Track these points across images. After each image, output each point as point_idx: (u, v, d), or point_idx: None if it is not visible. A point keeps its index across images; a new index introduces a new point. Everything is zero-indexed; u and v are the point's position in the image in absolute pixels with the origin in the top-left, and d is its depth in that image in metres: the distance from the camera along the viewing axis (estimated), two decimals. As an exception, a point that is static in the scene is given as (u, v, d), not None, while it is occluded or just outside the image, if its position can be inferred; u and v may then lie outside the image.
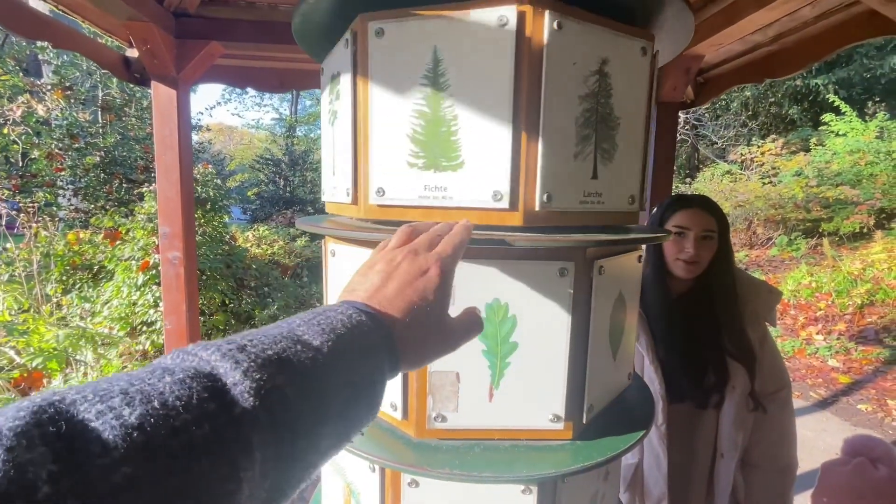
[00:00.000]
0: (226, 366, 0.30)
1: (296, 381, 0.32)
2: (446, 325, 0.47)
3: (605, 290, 0.70)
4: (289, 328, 0.36)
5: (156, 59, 1.85)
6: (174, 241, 2.03)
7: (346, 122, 0.71)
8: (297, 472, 0.32)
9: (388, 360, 0.40)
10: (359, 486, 0.77)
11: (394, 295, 0.43)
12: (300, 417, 0.32)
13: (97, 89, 6.96)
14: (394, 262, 0.47)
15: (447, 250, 0.49)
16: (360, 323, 0.39)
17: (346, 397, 0.36)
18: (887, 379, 4.23)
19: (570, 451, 0.67)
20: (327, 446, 0.35)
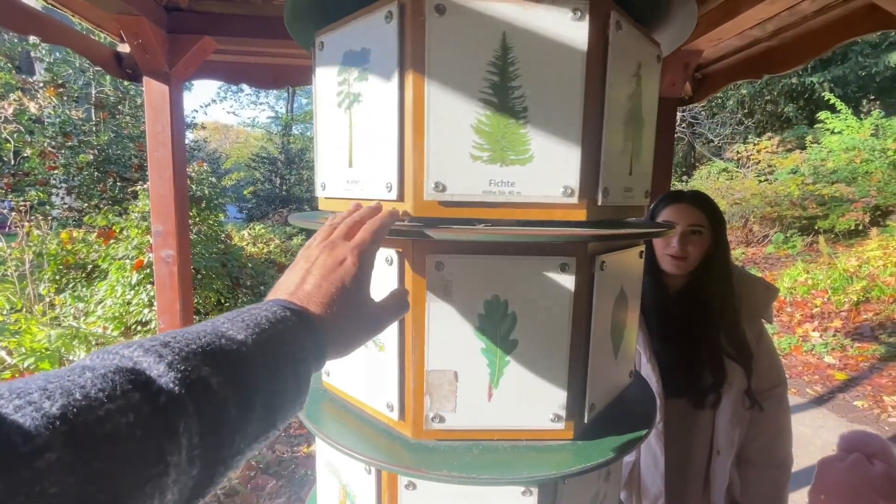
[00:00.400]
0: (149, 360, 0.31)
1: (221, 372, 0.34)
2: (369, 310, 0.50)
3: (607, 286, 0.69)
4: (213, 326, 0.38)
5: (147, 55, 1.82)
6: (168, 240, 2.00)
7: (384, 108, 0.63)
8: (224, 458, 0.34)
9: (312, 349, 0.42)
10: (354, 489, 0.75)
11: (313, 289, 0.46)
12: (226, 405, 0.33)
13: (90, 87, 6.90)
14: (311, 258, 0.50)
15: (365, 238, 0.52)
16: (284, 318, 0.41)
17: (272, 387, 0.38)
18: (883, 375, 4.25)
19: (572, 452, 0.65)
20: (255, 433, 0.36)
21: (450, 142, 0.61)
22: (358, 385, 0.74)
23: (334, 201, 0.75)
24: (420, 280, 0.63)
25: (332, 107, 0.72)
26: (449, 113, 0.60)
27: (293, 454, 3.00)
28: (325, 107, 0.74)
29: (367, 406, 0.73)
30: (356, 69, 0.67)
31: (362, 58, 0.66)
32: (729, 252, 1.35)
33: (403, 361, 0.66)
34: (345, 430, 0.70)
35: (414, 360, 0.65)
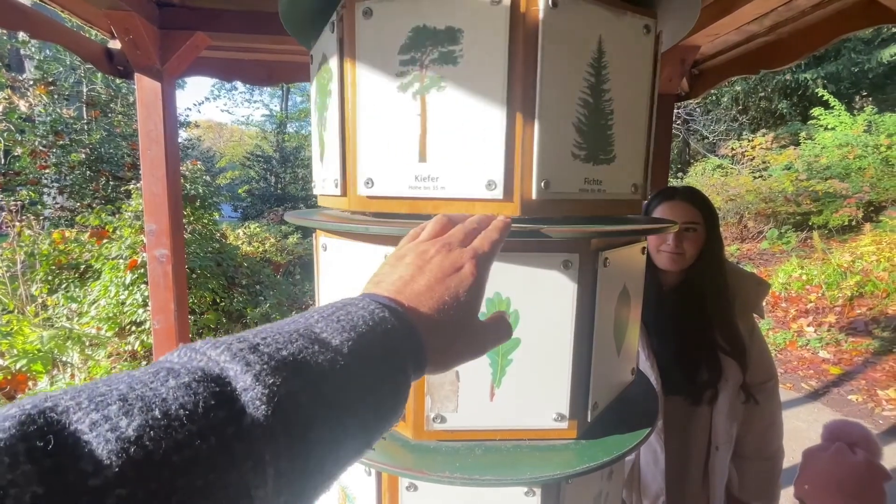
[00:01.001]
0: (236, 368, 0.27)
1: (312, 386, 0.29)
2: (475, 328, 0.43)
3: (610, 283, 0.68)
4: (305, 324, 0.33)
5: (139, 51, 1.79)
6: (161, 238, 1.98)
7: (484, 99, 0.60)
8: (313, 484, 0.29)
9: (412, 362, 0.37)
10: (354, 491, 0.73)
11: (423, 291, 0.40)
12: (316, 426, 0.29)
13: (81, 85, 6.82)
14: (426, 255, 0.43)
15: (485, 247, 0.45)
16: (384, 320, 0.36)
17: (367, 403, 0.33)
18: (877, 370, 4.28)
19: (575, 451, 0.64)
20: (346, 455, 0.32)
21: (554, 139, 0.61)
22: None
23: (392, 201, 0.64)
24: (420, 278, 0.61)
25: (385, 91, 0.62)
26: (556, 109, 0.60)
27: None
28: (370, 90, 0.62)
29: (367, 407, 0.72)
30: (436, 49, 0.60)
31: (447, 38, 0.59)
32: (723, 247, 1.36)
33: (404, 361, 0.65)
34: (395, 425, 0.68)
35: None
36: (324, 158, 0.74)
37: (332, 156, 0.69)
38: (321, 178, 0.75)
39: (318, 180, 0.78)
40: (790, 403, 3.88)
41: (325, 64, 0.71)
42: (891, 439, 3.30)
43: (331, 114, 0.69)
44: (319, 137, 0.76)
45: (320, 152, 0.76)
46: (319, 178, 0.77)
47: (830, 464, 0.93)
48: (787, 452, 3.34)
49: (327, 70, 0.69)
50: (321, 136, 0.75)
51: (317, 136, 0.77)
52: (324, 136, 0.73)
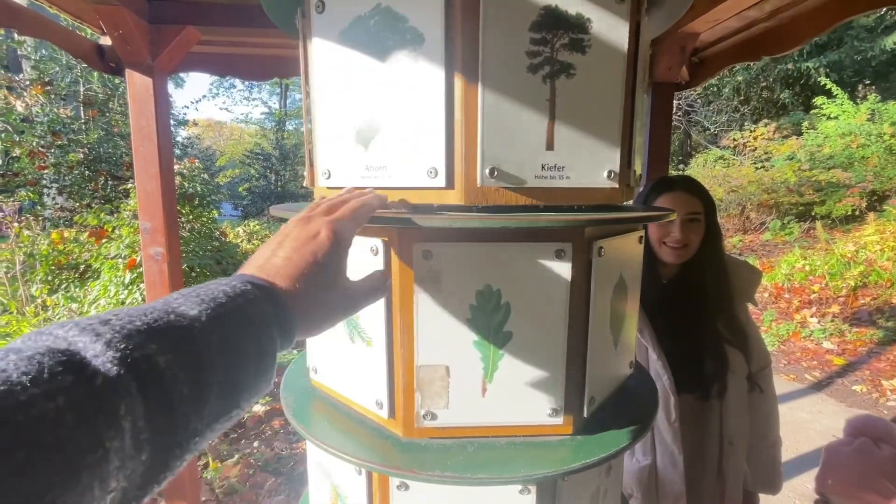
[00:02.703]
0: (84, 339, 0.29)
1: (169, 349, 0.31)
2: (343, 288, 0.47)
3: (606, 273, 0.65)
4: (164, 302, 0.35)
5: (129, 46, 1.77)
6: (156, 237, 1.96)
7: (606, 88, 0.59)
8: (178, 441, 0.31)
9: (277, 325, 0.40)
10: (345, 490, 0.72)
11: (282, 262, 0.43)
12: (175, 385, 0.31)
13: (78, 84, 6.80)
14: (286, 230, 0.47)
15: (345, 214, 0.49)
16: (245, 292, 0.38)
17: (230, 364, 0.35)
18: (881, 360, 4.25)
19: (571, 448, 0.62)
20: (214, 414, 0.34)
21: None
22: (346, 382, 0.71)
23: (509, 193, 0.59)
24: (407, 270, 0.59)
25: (515, 69, 0.57)
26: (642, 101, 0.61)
27: (292, 451, 2.98)
28: (500, 66, 0.57)
29: (356, 404, 0.70)
30: (567, 34, 0.58)
31: (577, 26, 0.58)
32: (722, 237, 1.34)
33: (392, 357, 0.63)
34: (333, 430, 0.67)
35: (403, 355, 0.61)
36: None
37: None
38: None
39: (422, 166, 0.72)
40: (794, 394, 3.86)
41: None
42: (896, 429, 3.27)
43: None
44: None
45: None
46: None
47: (855, 458, 0.88)
48: (791, 444, 3.32)
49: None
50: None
51: None
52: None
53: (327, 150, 0.66)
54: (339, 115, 0.64)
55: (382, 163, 0.61)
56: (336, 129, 0.65)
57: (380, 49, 0.59)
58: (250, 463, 2.80)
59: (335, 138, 0.65)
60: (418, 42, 0.57)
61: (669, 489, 1.26)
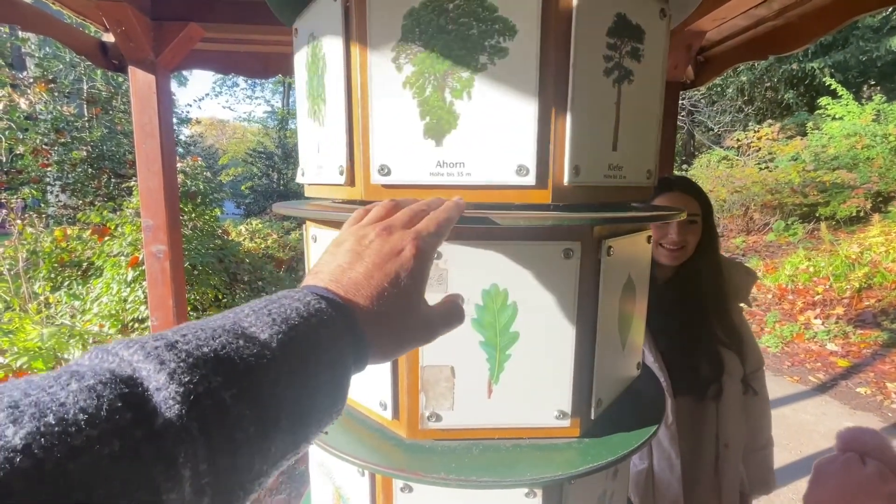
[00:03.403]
0: (149, 367, 0.26)
1: (236, 383, 0.28)
2: (422, 314, 0.42)
3: (614, 274, 0.64)
4: (234, 319, 0.32)
5: (132, 43, 1.76)
6: (158, 234, 1.95)
7: (652, 94, 0.66)
8: (242, 483, 0.28)
9: (352, 352, 0.36)
10: (348, 491, 0.71)
11: (361, 278, 0.38)
12: (241, 424, 0.28)
13: (82, 82, 6.81)
14: (364, 241, 0.41)
15: (429, 228, 0.43)
16: (320, 311, 0.34)
17: (300, 397, 0.31)
18: (886, 362, 4.22)
19: (578, 451, 0.61)
20: (280, 452, 0.31)
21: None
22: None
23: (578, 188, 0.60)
24: (412, 269, 0.58)
25: (595, 74, 0.59)
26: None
27: (293, 450, 2.97)
28: (587, 70, 0.58)
29: (359, 405, 0.69)
30: (630, 42, 0.61)
31: (637, 35, 0.61)
32: (718, 239, 1.34)
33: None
34: (336, 431, 0.66)
35: (407, 356, 0.60)
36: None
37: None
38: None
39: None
40: (797, 396, 3.84)
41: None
42: (900, 432, 3.25)
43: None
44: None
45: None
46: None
47: (840, 476, 0.86)
48: (795, 446, 3.30)
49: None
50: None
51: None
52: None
53: (385, 144, 0.60)
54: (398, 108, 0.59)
55: (460, 159, 0.57)
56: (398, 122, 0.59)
57: (461, 37, 0.56)
58: (251, 461, 2.79)
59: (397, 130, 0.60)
60: (510, 34, 0.55)
61: (667, 492, 1.25)
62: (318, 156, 0.69)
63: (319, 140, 0.68)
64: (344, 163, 0.61)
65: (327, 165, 0.66)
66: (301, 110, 0.74)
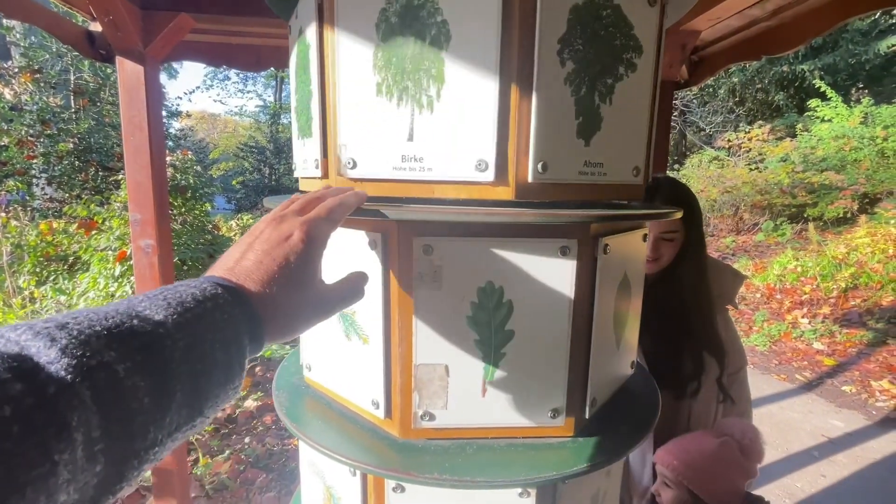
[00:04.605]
0: (38, 344, 0.27)
1: (129, 357, 0.30)
2: (317, 292, 0.45)
3: (610, 271, 0.63)
4: (128, 304, 0.34)
5: (120, 32, 1.72)
6: (146, 229, 1.92)
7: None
8: (137, 451, 0.30)
9: (247, 332, 0.38)
10: (339, 491, 0.70)
11: (252, 265, 0.42)
12: (135, 394, 0.29)
13: (68, 73, 6.67)
14: (256, 231, 0.45)
15: (320, 213, 0.47)
16: (215, 296, 0.37)
17: (196, 373, 0.34)
18: (871, 361, 4.29)
19: (573, 450, 0.61)
20: (177, 423, 0.33)
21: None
22: (341, 381, 0.69)
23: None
24: (407, 265, 0.57)
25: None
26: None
27: (283, 447, 2.95)
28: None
29: (351, 403, 0.68)
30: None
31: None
32: (704, 245, 1.32)
33: (389, 355, 0.61)
34: (327, 430, 0.64)
35: (401, 354, 0.59)
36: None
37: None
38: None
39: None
40: (784, 394, 3.89)
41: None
42: (884, 430, 3.31)
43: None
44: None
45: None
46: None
47: (689, 443, 1.06)
48: (781, 443, 3.34)
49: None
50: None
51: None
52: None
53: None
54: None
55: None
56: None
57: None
58: (241, 459, 2.77)
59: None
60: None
61: (638, 485, 1.28)
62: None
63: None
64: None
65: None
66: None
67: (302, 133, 0.68)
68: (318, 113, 0.60)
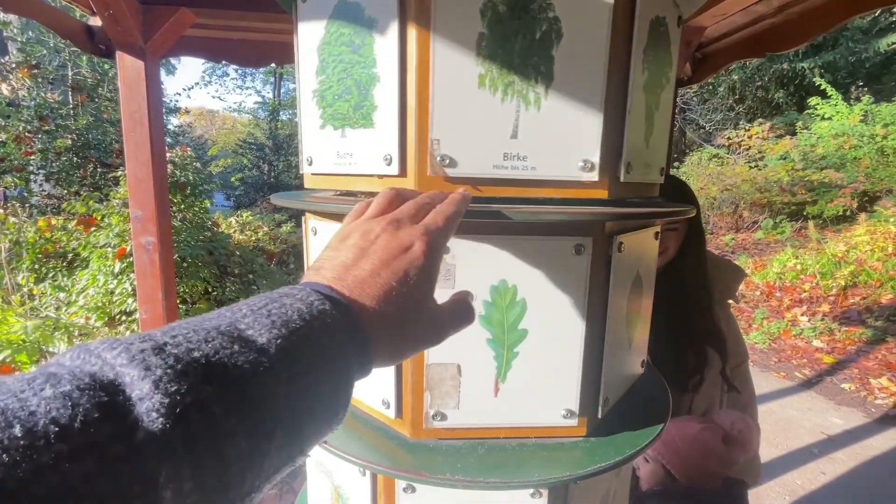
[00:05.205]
0: (133, 373, 0.23)
1: (227, 394, 0.25)
2: (430, 314, 0.39)
3: (624, 270, 0.63)
4: (231, 319, 0.29)
5: (120, 27, 1.70)
6: (147, 225, 1.91)
7: None
8: (232, 501, 0.26)
9: (356, 358, 0.33)
10: (348, 491, 0.69)
11: (367, 276, 0.36)
12: (232, 440, 0.25)
13: (66, 68, 6.63)
14: (370, 235, 0.39)
15: (438, 222, 0.41)
16: (323, 312, 0.31)
17: (298, 409, 0.29)
18: (870, 358, 4.30)
19: (585, 450, 0.60)
20: (274, 467, 0.28)
21: None
22: (350, 380, 0.68)
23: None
24: (419, 264, 0.56)
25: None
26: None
27: (284, 444, 2.94)
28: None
29: (361, 403, 0.67)
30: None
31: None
32: (704, 240, 1.34)
33: (401, 354, 0.60)
34: (337, 430, 0.64)
35: (412, 353, 0.58)
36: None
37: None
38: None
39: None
40: (783, 392, 3.90)
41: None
42: (883, 427, 3.32)
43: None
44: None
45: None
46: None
47: (673, 424, 1.08)
48: (781, 440, 3.34)
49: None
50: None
51: None
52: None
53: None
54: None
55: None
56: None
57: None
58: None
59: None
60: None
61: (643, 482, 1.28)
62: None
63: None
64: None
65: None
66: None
67: (343, 123, 0.60)
68: (396, 102, 0.54)
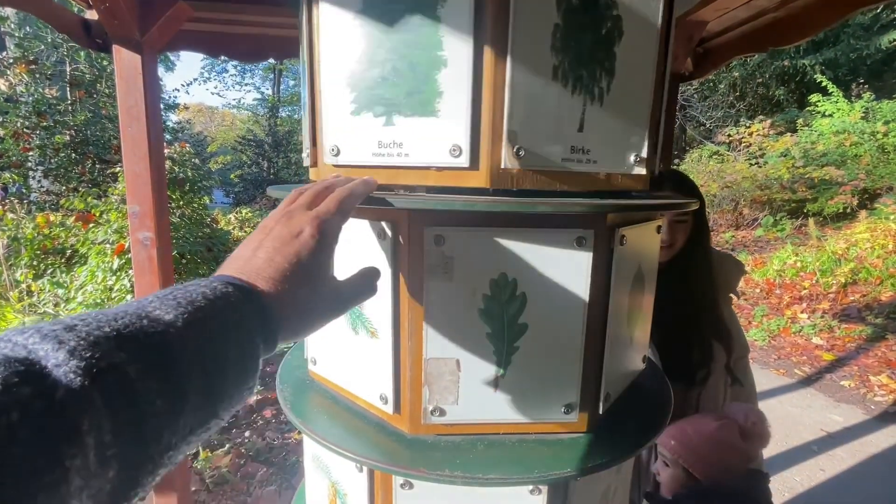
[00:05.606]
0: (46, 347, 0.26)
1: (140, 358, 0.29)
2: (330, 288, 0.45)
3: (626, 264, 0.62)
4: (138, 305, 0.33)
5: (116, 20, 1.69)
6: (145, 221, 1.89)
7: None
8: (151, 455, 0.29)
9: (260, 331, 0.38)
10: (345, 487, 0.68)
11: (263, 263, 0.41)
12: (147, 396, 0.29)
13: (64, 64, 6.59)
14: (266, 228, 0.45)
15: (330, 207, 0.46)
16: (226, 294, 0.36)
17: (209, 372, 0.33)
18: (869, 356, 4.30)
19: (585, 446, 0.59)
20: (190, 425, 0.32)
21: None
22: (348, 375, 0.67)
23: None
24: (417, 256, 0.55)
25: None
26: None
27: (284, 441, 2.95)
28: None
29: (359, 398, 0.66)
30: None
31: None
32: (709, 233, 1.35)
33: (399, 349, 0.59)
34: (333, 425, 0.63)
35: (410, 348, 0.58)
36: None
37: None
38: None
39: None
40: (783, 389, 3.90)
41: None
42: (883, 424, 3.32)
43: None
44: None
45: None
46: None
47: (689, 424, 1.07)
48: (780, 437, 3.34)
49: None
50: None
51: None
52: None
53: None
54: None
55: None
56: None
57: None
58: (241, 453, 2.77)
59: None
60: None
61: (649, 476, 1.28)
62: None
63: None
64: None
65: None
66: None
67: (390, 109, 0.55)
68: (469, 89, 0.51)
